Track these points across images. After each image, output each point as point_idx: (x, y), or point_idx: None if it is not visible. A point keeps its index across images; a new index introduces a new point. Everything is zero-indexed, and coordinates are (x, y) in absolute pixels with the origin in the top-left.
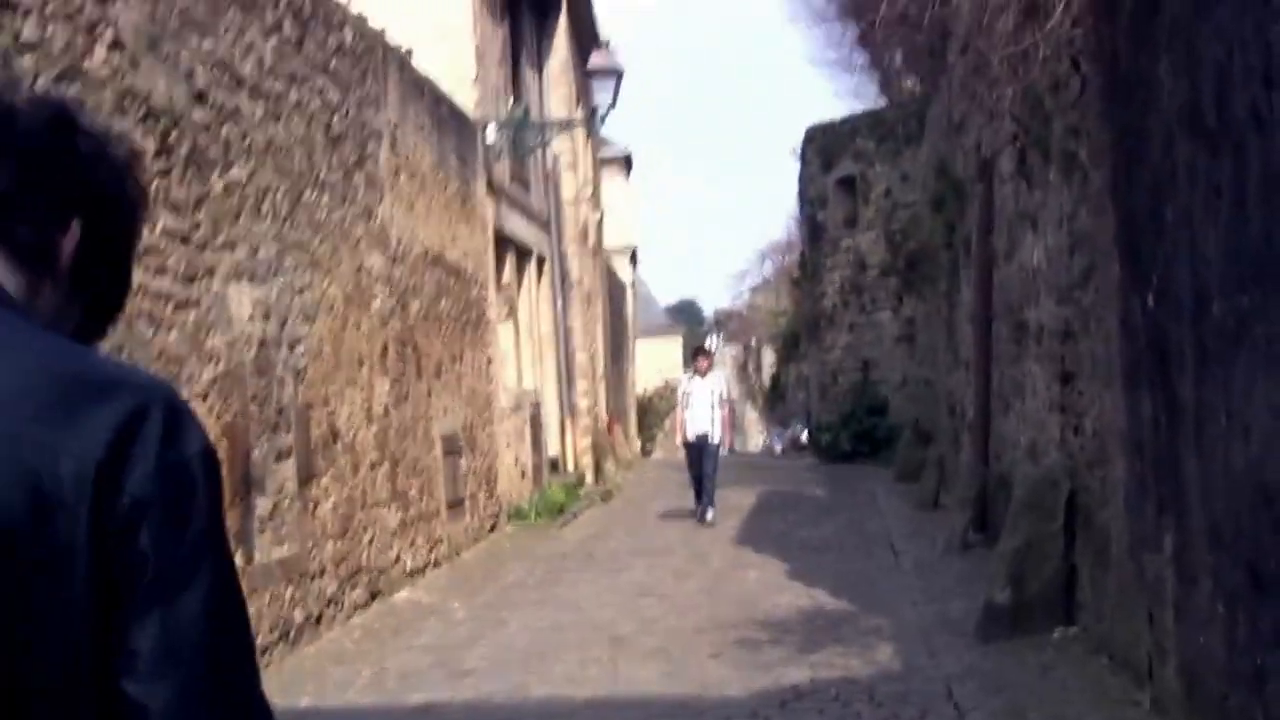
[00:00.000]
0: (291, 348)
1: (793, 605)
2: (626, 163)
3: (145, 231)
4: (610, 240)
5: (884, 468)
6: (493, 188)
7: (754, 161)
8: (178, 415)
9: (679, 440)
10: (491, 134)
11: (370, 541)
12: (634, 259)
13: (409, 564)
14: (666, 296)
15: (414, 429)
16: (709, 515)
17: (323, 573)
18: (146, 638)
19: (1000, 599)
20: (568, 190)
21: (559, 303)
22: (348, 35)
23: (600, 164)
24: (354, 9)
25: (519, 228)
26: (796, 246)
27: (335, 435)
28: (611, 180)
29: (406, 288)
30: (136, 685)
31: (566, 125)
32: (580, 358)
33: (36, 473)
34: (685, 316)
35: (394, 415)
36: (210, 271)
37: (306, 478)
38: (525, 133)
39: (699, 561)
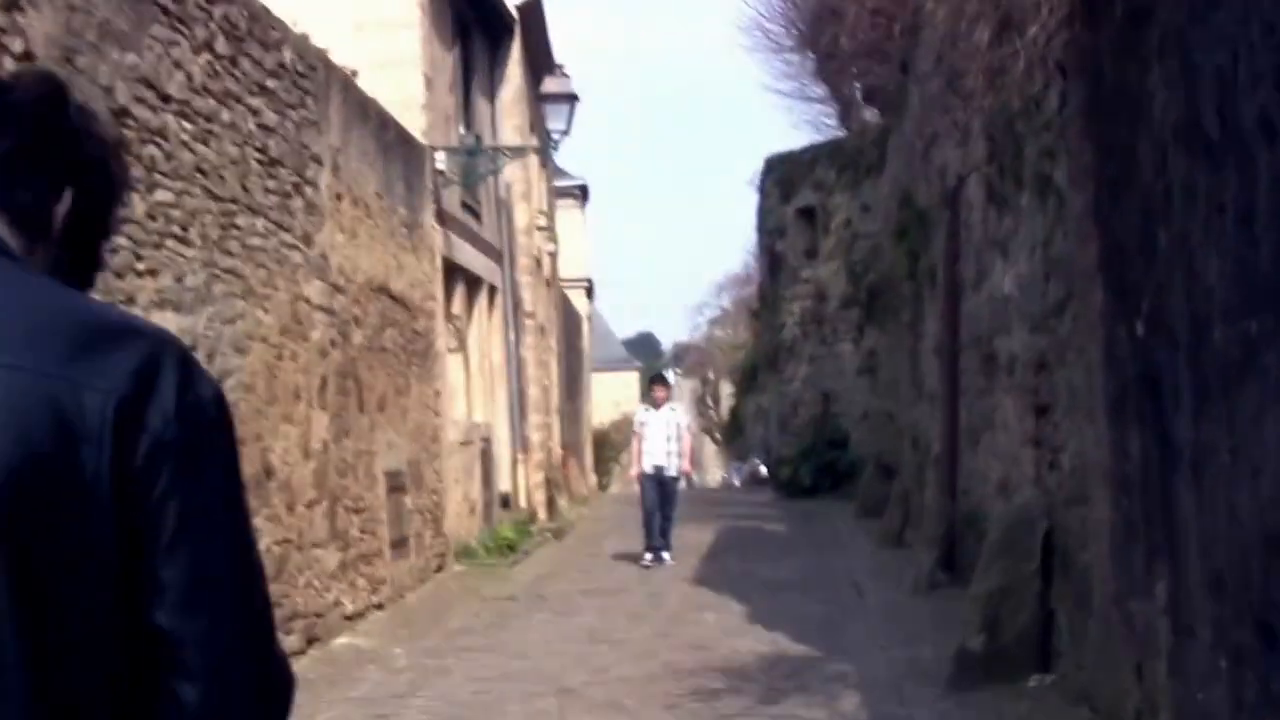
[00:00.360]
0: (221, 381)
1: (753, 650)
2: (582, 193)
3: None
4: (566, 272)
5: (845, 503)
6: (442, 216)
7: (712, 193)
8: (190, 362)
9: (634, 473)
10: (441, 161)
11: (307, 584)
12: (590, 291)
13: (349, 607)
14: (624, 330)
15: (355, 465)
16: (666, 557)
17: None
18: (176, 572)
19: (973, 645)
20: (521, 219)
21: (511, 334)
22: (287, 55)
23: (555, 194)
24: (299, 30)
25: (470, 257)
26: (755, 279)
27: (269, 472)
28: (567, 212)
29: (349, 318)
30: (168, 617)
31: (519, 152)
32: (533, 391)
33: (62, 406)
34: (643, 350)
35: (334, 451)
36: (130, 299)
37: None
38: (476, 160)
39: (654, 603)
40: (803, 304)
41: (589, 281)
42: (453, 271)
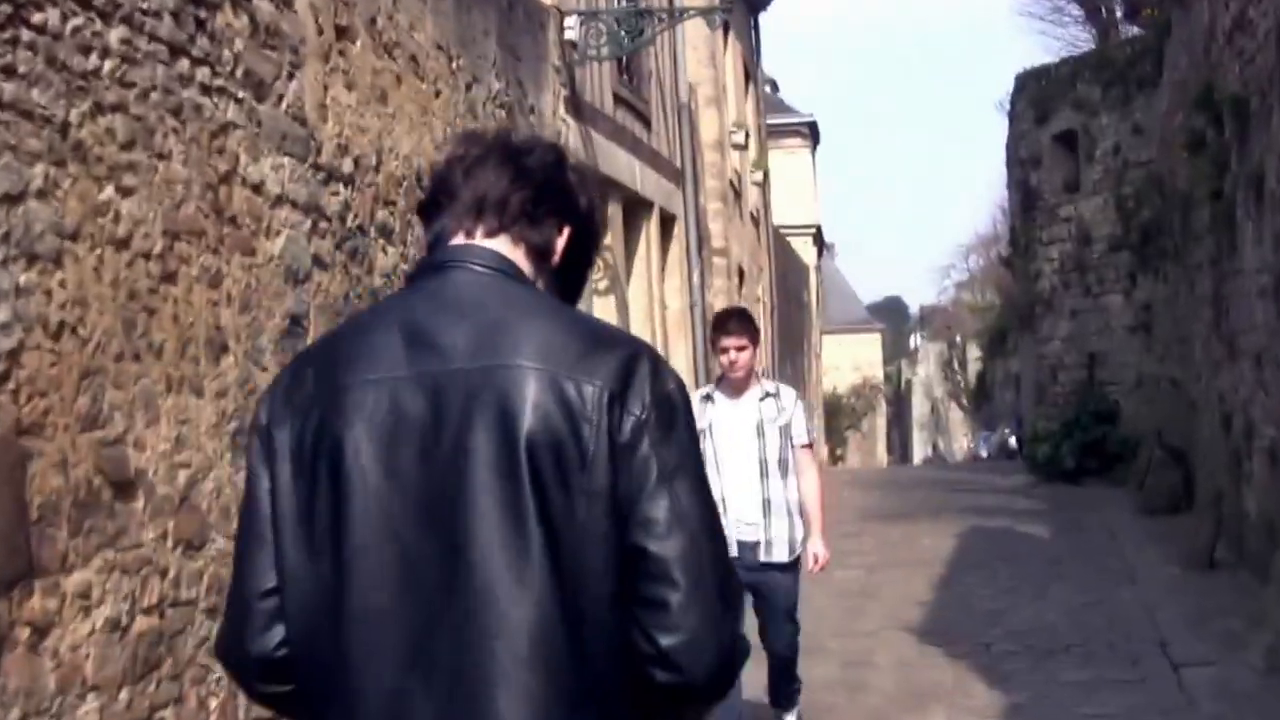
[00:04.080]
0: None
1: None
2: (811, 132)
3: None
4: (790, 217)
5: (1117, 490)
6: (577, 107)
7: (964, 147)
8: (659, 361)
9: None
10: (573, 28)
11: (216, 688)
12: (819, 240)
13: None
14: (871, 293)
15: None
16: None
17: None
18: (658, 510)
19: None
20: (708, 132)
21: (694, 275)
22: None
23: (777, 132)
24: None
25: (627, 170)
26: (1003, 238)
27: (121, 486)
28: (793, 152)
29: (364, 224)
30: (655, 543)
31: (689, 14)
32: None
33: (568, 396)
34: (890, 314)
35: None
36: None
37: (11, 580)
38: (631, 30)
39: (851, 679)
40: (1062, 248)
41: (817, 228)
42: (600, 186)
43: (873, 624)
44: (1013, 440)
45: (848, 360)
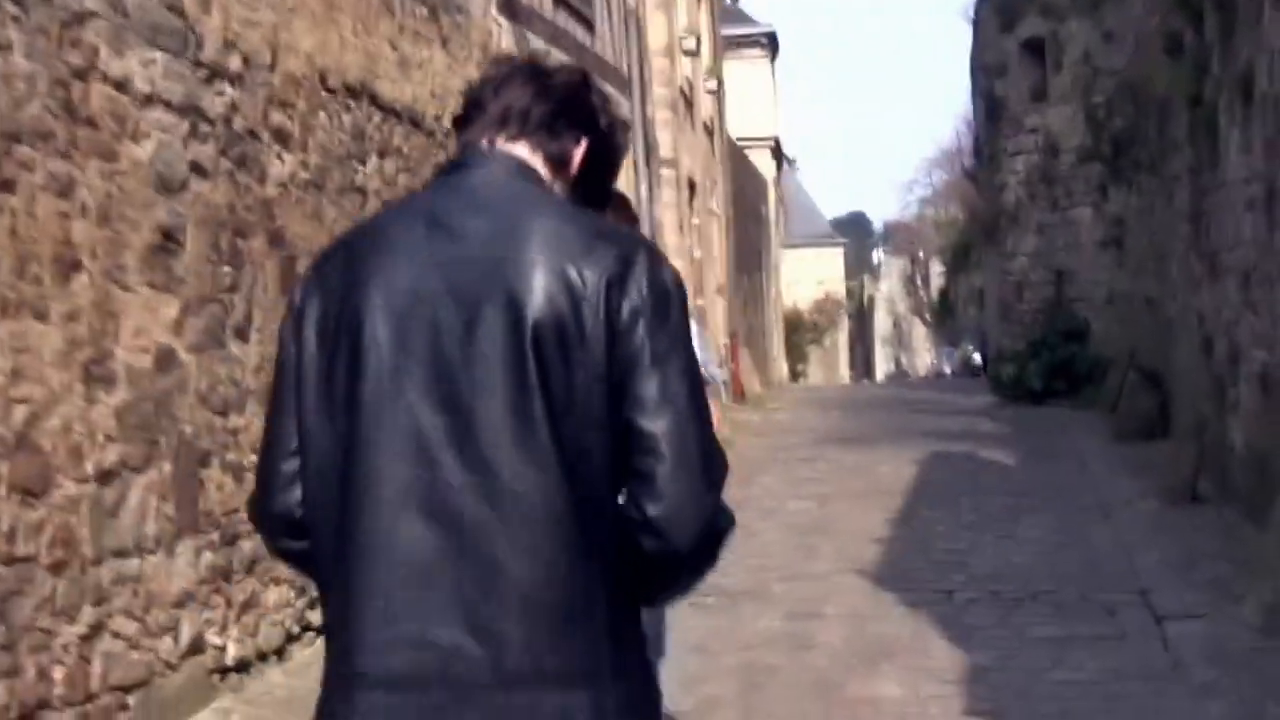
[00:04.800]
0: None
1: None
2: (771, 43)
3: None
4: (747, 129)
5: (1088, 414)
6: (512, 6)
7: (928, 58)
8: (656, 254)
9: None
10: None
11: (97, 629)
12: (778, 153)
13: (229, 650)
14: (835, 209)
15: (258, 391)
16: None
17: None
18: (649, 390)
19: None
20: (657, 38)
21: (642, 188)
22: None
23: (735, 43)
24: None
25: None
26: (968, 151)
27: None
28: (751, 62)
29: (254, 130)
30: (645, 419)
31: None
32: (676, 264)
33: (571, 281)
34: (854, 229)
35: (195, 368)
36: None
37: None
38: None
39: (796, 633)
40: (1028, 159)
41: (775, 141)
42: None
43: (824, 565)
44: (976, 357)
45: (810, 275)
